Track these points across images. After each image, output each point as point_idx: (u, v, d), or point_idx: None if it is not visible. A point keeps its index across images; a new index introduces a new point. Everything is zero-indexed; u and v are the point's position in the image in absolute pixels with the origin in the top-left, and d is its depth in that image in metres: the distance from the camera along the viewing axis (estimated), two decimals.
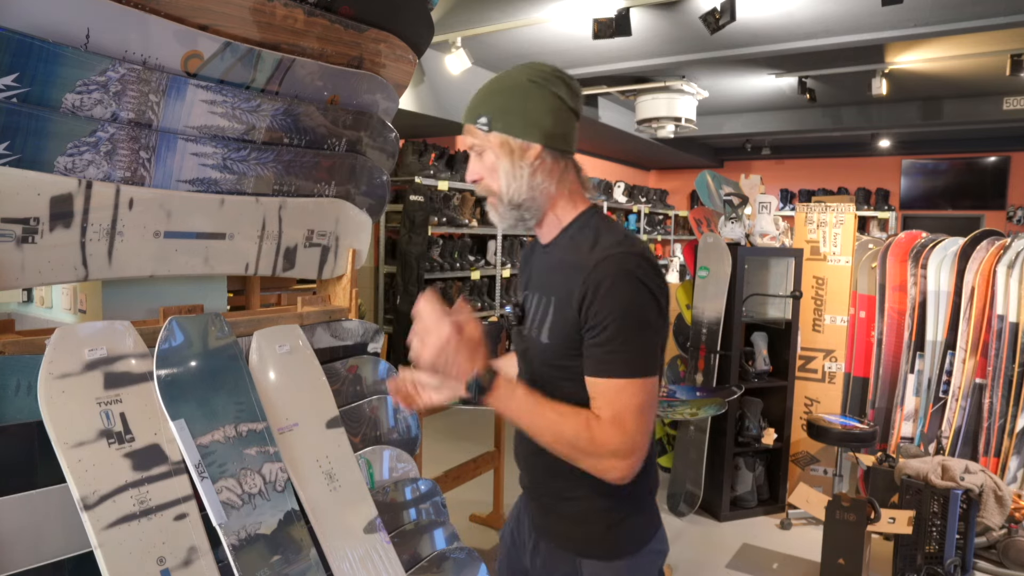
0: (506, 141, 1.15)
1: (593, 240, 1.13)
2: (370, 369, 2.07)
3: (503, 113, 1.15)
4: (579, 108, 1.19)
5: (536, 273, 1.25)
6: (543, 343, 1.16)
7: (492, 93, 1.18)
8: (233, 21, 1.65)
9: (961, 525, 2.64)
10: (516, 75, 1.18)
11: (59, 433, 1.31)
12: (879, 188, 9.58)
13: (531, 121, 1.15)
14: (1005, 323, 3.47)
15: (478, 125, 1.17)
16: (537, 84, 1.15)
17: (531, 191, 1.16)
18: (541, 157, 1.15)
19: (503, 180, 1.16)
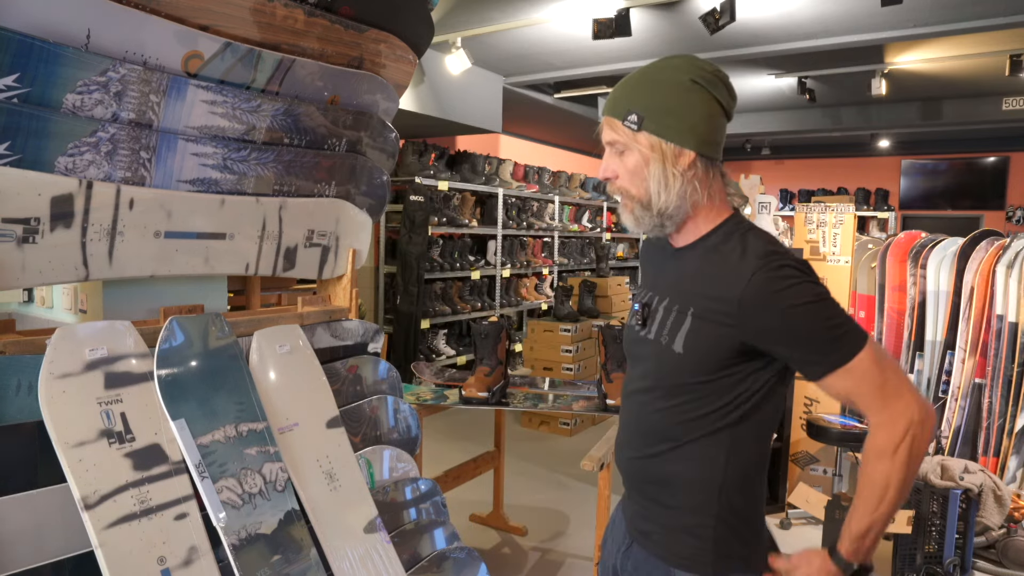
0: (658, 144, 1.07)
1: (741, 249, 1.07)
2: (370, 369, 2.07)
3: (659, 113, 1.06)
4: (732, 113, 1.12)
5: (666, 276, 1.18)
6: (676, 353, 1.09)
7: (647, 87, 1.08)
8: (233, 21, 1.65)
9: (960, 525, 2.64)
10: (676, 72, 1.08)
11: (60, 433, 1.32)
12: (879, 188, 9.58)
13: (689, 125, 1.06)
14: (1004, 323, 3.47)
15: (626, 122, 1.07)
16: (700, 86, 1.06)
17: (680, 200, 1.08)
18: (694, 165, 1.08)
19: (652, 186, 1.08)
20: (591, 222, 8.34)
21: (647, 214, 1.10)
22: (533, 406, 2.75)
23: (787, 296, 1.01)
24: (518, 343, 6.23)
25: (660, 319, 1.14)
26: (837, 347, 1.02)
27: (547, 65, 5.65)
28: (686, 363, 1.09)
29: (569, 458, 4.40)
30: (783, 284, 1.01)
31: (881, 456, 1.02)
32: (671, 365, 1.11)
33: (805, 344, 1.03)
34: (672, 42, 4.92)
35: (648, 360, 1.17)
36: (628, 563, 1.22)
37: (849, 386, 1.04)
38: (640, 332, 1.18)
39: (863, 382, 1.02)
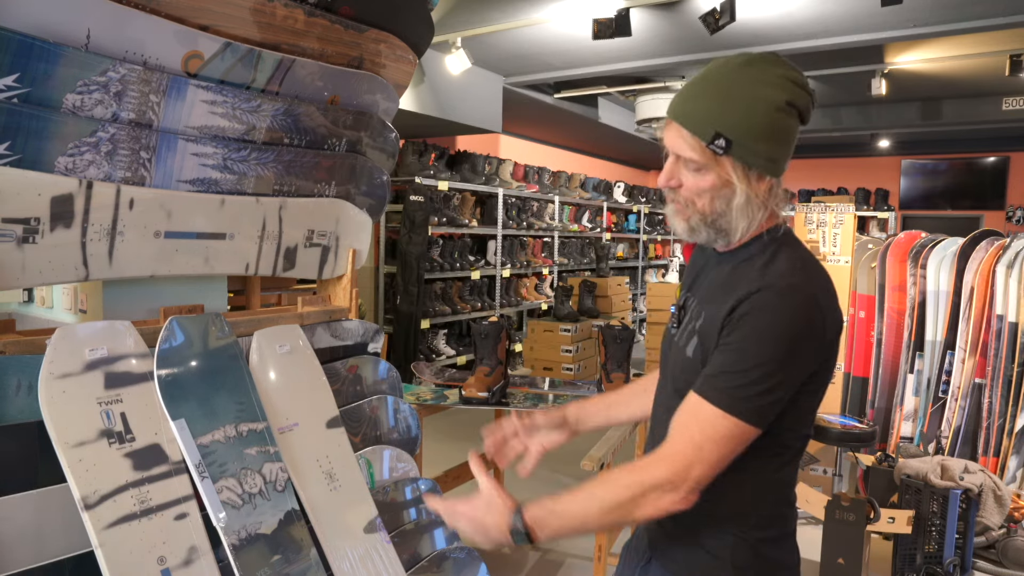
0: (744, 171, 1.00)
1: (766, 262, 1.02)
2: (370, 369, 2.07)
3: (750, 139, 0.98)
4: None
5: (703, 279, 1.15)
6: (687, 357, 1.07)
7: (738, 107, 0.98)
8: (233, 21, 1.65)
9: (960, 525, 2.64)
10: (772, 90, 0.98)
11: (60, 433, 1.32)
12: (879, 188, 9.58)
13: (779, 155, 1.01)
14: (1004, 323, 3.47)
15: (712, 146, 0.98)
16: (789, 112, 0.99)
17: (750, 221, 1.03)
18: (772, 189, 1.03)
19: (733, 211, 1.02)
20: (591, 222, 8.34)
21: (710, 230, 1.05)
22: (533, 406, 2.75)
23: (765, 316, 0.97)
24: (518, 343, 6.23)
25: (686, 322, 1.12)
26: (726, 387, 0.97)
27: (547, 65, 5.65)
28: (691, 368, 1.06)
29: (569, 458, 4.39)
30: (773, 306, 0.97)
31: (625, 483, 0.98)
32: (682, 369, 1.09)
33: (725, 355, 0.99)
34: (672, 42, 4.92)
35: (669, 364, 1.15)
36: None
37: (685, 416, 1.00)
38: (673, 333, 1.16)
39: (692, 425, 0.98)
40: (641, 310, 8.84)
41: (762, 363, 0.96)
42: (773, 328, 0.96)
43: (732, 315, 0.99)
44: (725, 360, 0.99)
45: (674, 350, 1.13)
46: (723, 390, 0.97)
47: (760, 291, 0.98)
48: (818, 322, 0.98)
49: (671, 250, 10.33)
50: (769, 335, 0.96)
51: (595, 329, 3.82)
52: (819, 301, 0.99)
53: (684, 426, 1.00)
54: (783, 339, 0.96)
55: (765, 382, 0.96)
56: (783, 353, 0.96)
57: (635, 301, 8.86)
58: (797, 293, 0.98)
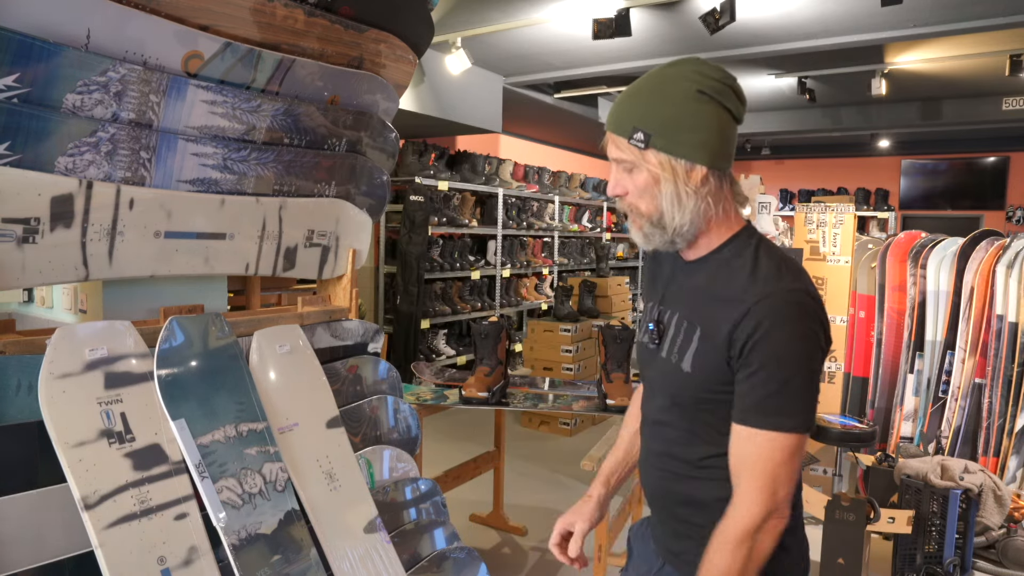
0: (668, 162, 1.01)
1: (751, 268, 1.03)
2: (370, 369, 2.07)
3: (667, 129, 1.01)
4: (743, 117, 1.05)
5: (676, 290, 1.14)
6: (685, 372, 1.07)
7: (652, 102, 1.03)
8: (233, 21, 1.65)
9: (960, 525, 2.64)
10: (681, 82, 1.01)
11: (60, 433, 1.32)
12: (879, 188, 9.58)
13: (700, 140, 1.01)
14: (1004, 323, 3.47)
15: (633, 141, 1.02)
16: (708, 98, 1.00)
17: (694, 216, 1.03)
18: (707, 181, 1.03)
19: (664, 205, 1.03)
20: (591, 222, 8.34)
21: (658, 232, 1.06)
22: (533, 406, 2.75)
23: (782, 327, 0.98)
24: (518, 343, 6.23)
25: (671, 336, 1.11)
26: (772, 409, 0.98)
27: (547, 65, 5.65)
28: (695, 382, 1.07)
29: (569, 458, 4.40)
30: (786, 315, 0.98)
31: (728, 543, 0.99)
32: (681, 384, 1.09)
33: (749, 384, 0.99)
34: (672, 42, 4.92)
35: (662, 379, 1.15)
36: None
37: (747, 451, 1.01)
38: (653, 349, 1.15)
39: (761, 459, 0.99)
40: (641, 310, 8.84)
41: (794, 375, 0.98)
42: (792, 338, 0.98)
43: (738, 331, 1.00)
44: (759, 384, 0.99)
45: (662, 365, 1.13)
46: (772, 414, 0.99)
47: (761, 302, 0.99)
48: (820, 317, 1.01)
49: None
50: (791, 347, 0.98)
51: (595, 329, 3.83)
52: (814, 297, 1.01)
53: (753, 463, 1.00)
54: (803, 345, 0.99)
55: (803, 390, 0.99)
56: (807, 358, 0.99)
57: (635, 301, 8.86)
58: (797, 296, 1.00)
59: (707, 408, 1.08)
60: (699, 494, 1.11)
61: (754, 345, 0.98)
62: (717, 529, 1.02)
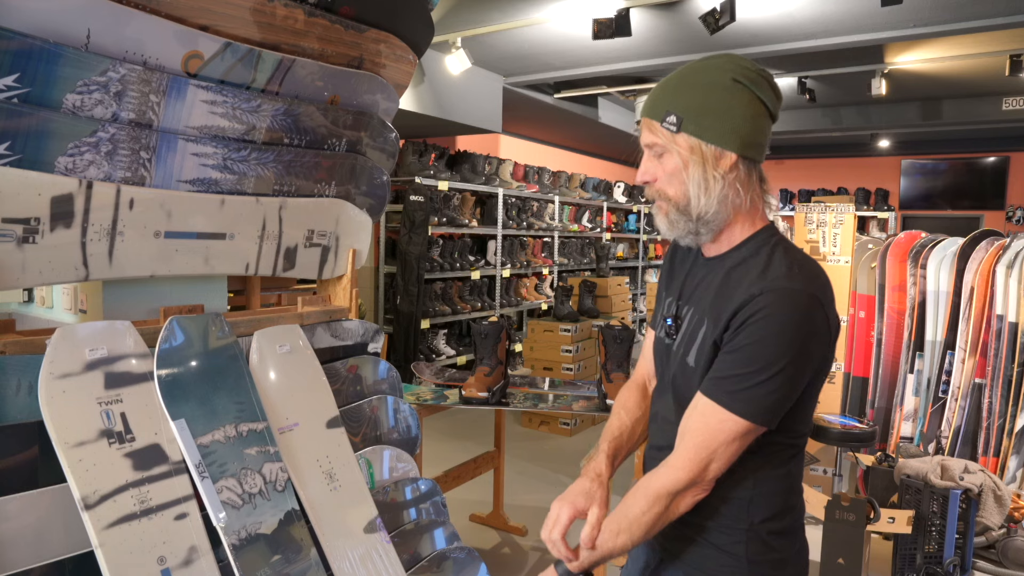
0: (698, 146, 1.02)
1: (764, 266, 1.02)
2: (370, 369, 2.07)
3: (699, 114, 1.02)
4: (778, 113, 1.06)
5: (693, 286, 1.14)
6: (689, 366, 1.08)
7: (686, 88, 1.04)
8: (233, 21, 1.65)
9: (960, 525, 2.64)
10: (717, 71, 1.03)
11: (60, 433, 1.32)
12: (879, 188, 9.59)
13: (731, 127, 1.02)
14: (1004, 323, 3.47)
15: (665, 124, 1.03)
16: (742, 85, 1.02)
17: (720, 204, 1.04)
18: (736, 168, 1.03)
19: (691, 189, 1.03)
20: (591, 222, 8.34)
21: (683, 218, 1.06)
22: (533, 406, 2.75)
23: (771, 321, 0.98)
24: (518, 343, 6.23)
25: (684, 330, 1.12)
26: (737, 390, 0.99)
27: (547, 65, 5.65)
28: (695, 376, 1.07)
29: (569, 458, 4.40)
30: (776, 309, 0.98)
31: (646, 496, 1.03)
32: (686, 377, 1.10)
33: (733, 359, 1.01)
34: (672, 42, 4.92)
35: (672, 374, 1.15)
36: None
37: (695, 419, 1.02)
38: (669, 344, 1.16)
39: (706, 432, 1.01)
40: (641, 310, 8.84)
41: (769, 364, 0.98)
42: (779, 330, 0.98)
43: (735, 318, 1.00)
44: (733, 362, 1.00)
45: (674, 360, 1.13)
46: (733, 393, 0.99)
47: (763, 294, 0.98)
48: (820, 322, 1.00)
49: None
50: (775, 337, 0.98)
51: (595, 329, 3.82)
52: (821, 301, 1.00)
53: (696, 431, 1.02)
54: (789, 340, 0.98)
55: (773, 383, 0.98)
56: (790, 354, 0.98)
57: (635, 301, 8.87)
58: (799, 294, 0.99)
59: None
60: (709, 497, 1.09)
61: (743, 326, 0.99)
62: (644, 477, 1.06)
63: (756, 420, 0.99)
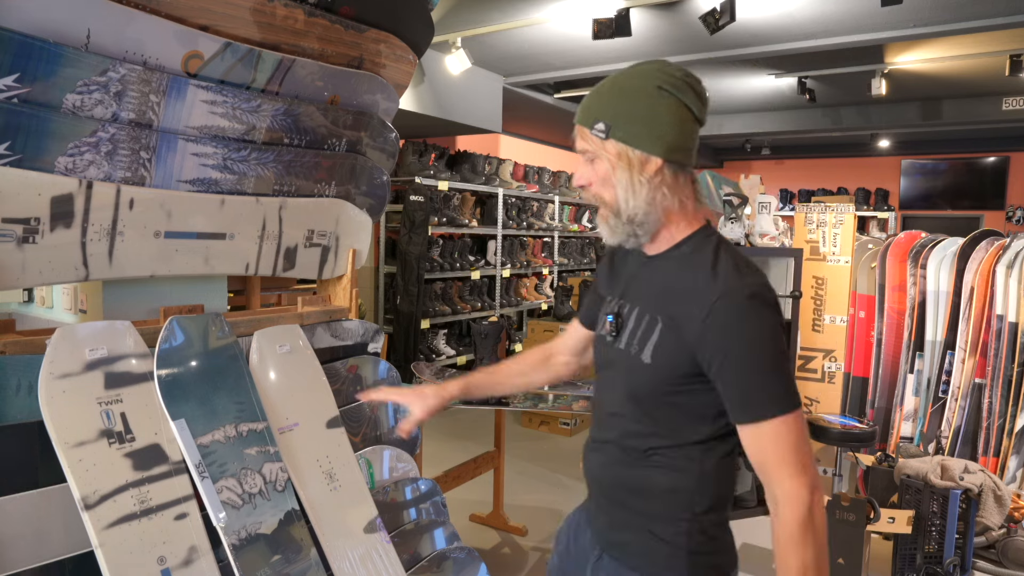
0: (625, 152, 1.07)
1: (711, 266, 1.07)
2: (370, 369, 2.07)
3: (625, 121, 1.07)
4: (704, 117, 1.11)
5: (636, 284, 1.18)
6: (644, 363, 1.11)
7: (614, 96, 1.09)
8: (233, 21, 1.65)
9: (960, 525, 2.64)
10: (643, 78, 1.08)
11: (60, 433, 1.32)
12: (878, 188, 9.58)
13: (656, 133, 1.06)
14: (1004, 323, 3.47)
15: (594, 131, 1.08)
16: (666, 92, 1.06)
17: (649, 206, 1.08)
18: (661, 172, 1.08)
19: (620, 193, 1.08)
20: (591, 222, 8.34)
21: (619, 222, 1.11)
22: (533, 406, 2.75)
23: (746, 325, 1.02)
24: (518, 343, 6.23)
25: (631, 328, 1.15)
26: (759, 402, 1.03)
27: (547, 65, 5.65)
28: (654, 374, 1.10)
29: (569, 458, 4.40)
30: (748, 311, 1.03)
31: (794, 541, 1.01)
32: (640, 375, 1.12)
33: (733, 385, 1.04)
34: (672, 42, 4.92)
35: (620, 370, 1.17)
36: (600, 573, 1.21)
37: (762, 445, 1.04)
38: (610, 342, 1.18)
39: (776, 446, 1.03)
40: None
41: (771, 361, 1.03)
42: (761, 330, 1.03)
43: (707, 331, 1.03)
44: (750, 378, 1.03)
45: (620, 358, 1.16)
46: (772, 400, 1.03)
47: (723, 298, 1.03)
48: (778, 308, 1.08)
49: None
50: (764, 335, 1.03)
51: None
52: (770, 290, 1.07)
53: (774, 454, 1.04)
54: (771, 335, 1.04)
55: (783, 373, 1.05)
56: (779, 341, 1.05)
57: None
58: (760, 289, 1.05)
59: (665, 400, 1.11)
60: (648, 483, 1.13)
61: (727, 349, 1.03)
62: (776, 531, 1.04)
63: (798, 404, 1.04)
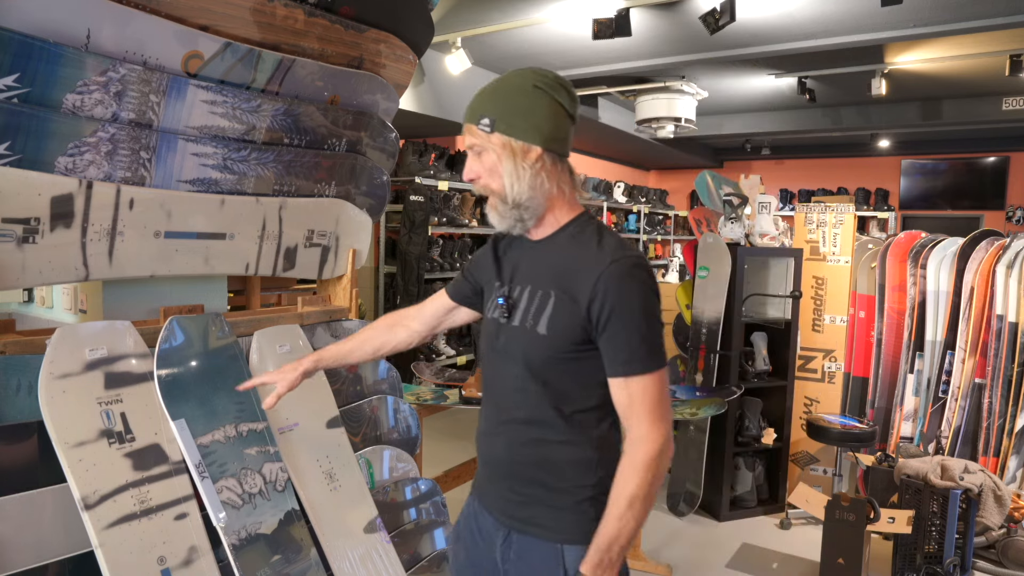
0: (508, 143, 1.20)
1: (597, 242, 1.20)
2: (370, 369, 2.07)
3: (507, 115, 1.20)
4: (576, 114, 1.24)
5: (524, 267, 1.29)
6: (540, 334, 1.21)
7: (495, 95, 1.22)
8: (233, 21, 1.65)
9: (960, 525, 2.64)
10: (520, 79, 1.22)
11: (60, 433, 1.32)
12: (878, 188, 9.58)
13: (533, 125, 1.19)
14: (1004, 323, 3.47)
15: (480, 126, 1.21)
16: (541, 90, 1.20)
17: (532, 191, 1.20)
18: (542, 159, 1.20)
19: (506, 180, 1.21)
20: None
21: (507, 208, 1.22)
22: None
23: (629, 291, 1.14)
24: None
25: (524, 307, 1.24)
26: (637, 357, 1.15)
27: (547, 65, 5.64)
28: (549, 343, 1.19)
29: None
30: (630, 278, 1.15)
31: (637, 470, 1.14)
32: (536, 345, 1.21)
33: (616, 340, 1.15)
34: (672, 42, 4.92)
35: (516, 346, 1.25)
36: (510, 553, 1.26)
37: (630, 396, 1.16)
38: (504, 323, 1.28)
39: (643, 398, 1.16)
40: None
41: (646, 326, 1.16)
42: (640, 297, 1.15)
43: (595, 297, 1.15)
44: (628, 339, 1.15)
45: (515, 334, 1.25)
46: (641, 359, 1.16)
47: (609, 268, 1.15)
48: (655, 279, 1.20)
49: (671, 250, 10.33)
50: (644, 298, 1.16)
51: None
52: (647, 264, 1.20)
53: (643, 402, 1.16)
54: (648, 301, 1.17)
55: (656, 336, 1.18)
56: (652, 310, 1.18)
57: None
58: (640, 261, 1.18)
59: (559, 367, 1.20)
60: (553, 455, 1.22)
61: (612, 310, 1.15)
62: (622, 462, 1.17)
63: (664, 364, 1.19)
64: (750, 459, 3.66)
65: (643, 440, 1.16)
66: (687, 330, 3.81)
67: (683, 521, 3.53)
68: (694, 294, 3.73)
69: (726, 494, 3.54)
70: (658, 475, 1.16)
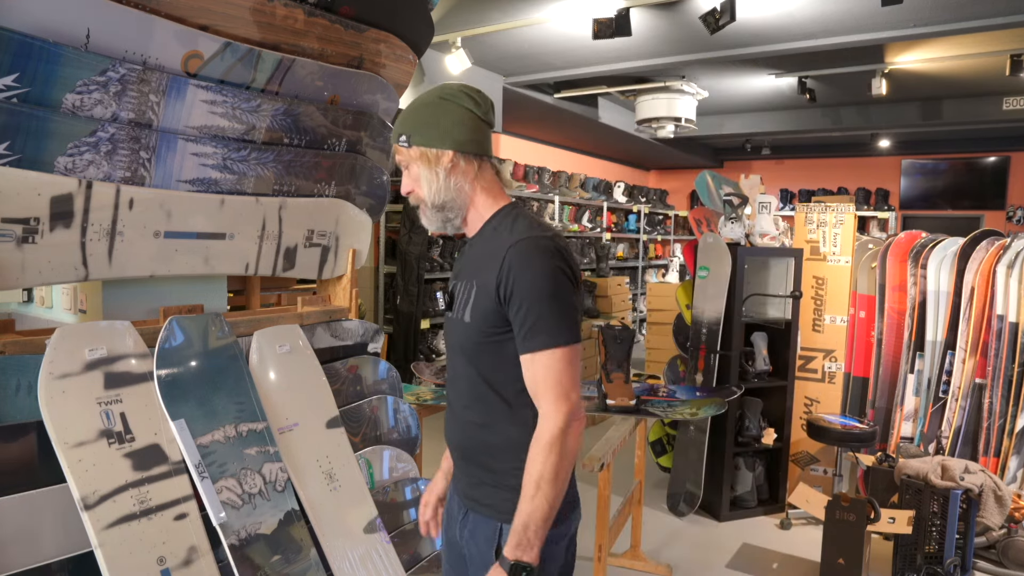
0: (423, 152, 1.29)
1: (510, 228, 1.26)
2: (370, 369, 2.07)
3: (419, 128, 1.29)
4: (489, 117, 1.32)
5: (463, 263, 1.38)
6: (466, 322, 1.28)
7: (408, 113, 1.32)
8: (233, 21, 1.65)
9: (961, 525, 2.64)
10: (428, 95, 1.31)
11: (59, 433, 1.31)
12: (879, 188, 9.59)
13: (443, 132, 1.28)
14: (1005, 323, 3.47)
15: (400, 143, 1.30)
16: (447, 100, 1.29)
17: (448, 192, 1.29)
18: (454, 161, 1.28)
19: (425, 186, 1.29)
20: (591, 222, 8.34)
21: (431, 211, 1.30)
22: None
23: (532, 268, 1.18)
24: None
25: (459, 300, 1.32)
26: (540, 333, 1.18)
27: (547, 65, 5.65)
28: (474, 328, 1.26)
29: None
30: (531, 255, 1.19)
31: (541, 450, 1.17)
32: (465, 334, 1.28)
33: (519, 317, 1.19)
34: (672, 42, 4.92)
35: (453, 338, 1.34)
36: (464, 531, 1.34)
37: (535, 372, 1.20)
38: (449, 316, 1.35)
39: (547, 375, 1.19)
40: (641, 310, 8.84)
41: (549, 301, 1.18)
42: (541, 274, 1.19)
43: (501, 275, 1.20)
44: (528, 316, 1.19)
45: (453, 325, 1.33)
46: (544, 333, 1.18)
47: (512, 248, 1.20)
48: (564, 257, 1.22)
49: (671, 250, 10.33)
50: (547, 275, 1.19)
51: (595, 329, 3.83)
52: (557, 243, 1.23)
53: (546, 378, 1.19)
54: (551, 278, 1.19)
55: (561, 313, 1.19)
56: (555, 287, 1.20)
57: (635, 301, 8.87)
58: (542, 242, 1.21)
59: (486, 352, 1.26)
60: (494, 440, 1.28)
61: (513, 286, 1.19)
62: (532, 443, 1.20)
63: (572, 341, 1.20)
64: (750, 459, 3.65)
65: (545, 418, 1.19)
66: (687, 330, 3.80)
67: (683, 521, 3.53)
68: (694, 294, 3.72)
69: (726, 494, 3.54)
70: (564, 454, 1.18)
